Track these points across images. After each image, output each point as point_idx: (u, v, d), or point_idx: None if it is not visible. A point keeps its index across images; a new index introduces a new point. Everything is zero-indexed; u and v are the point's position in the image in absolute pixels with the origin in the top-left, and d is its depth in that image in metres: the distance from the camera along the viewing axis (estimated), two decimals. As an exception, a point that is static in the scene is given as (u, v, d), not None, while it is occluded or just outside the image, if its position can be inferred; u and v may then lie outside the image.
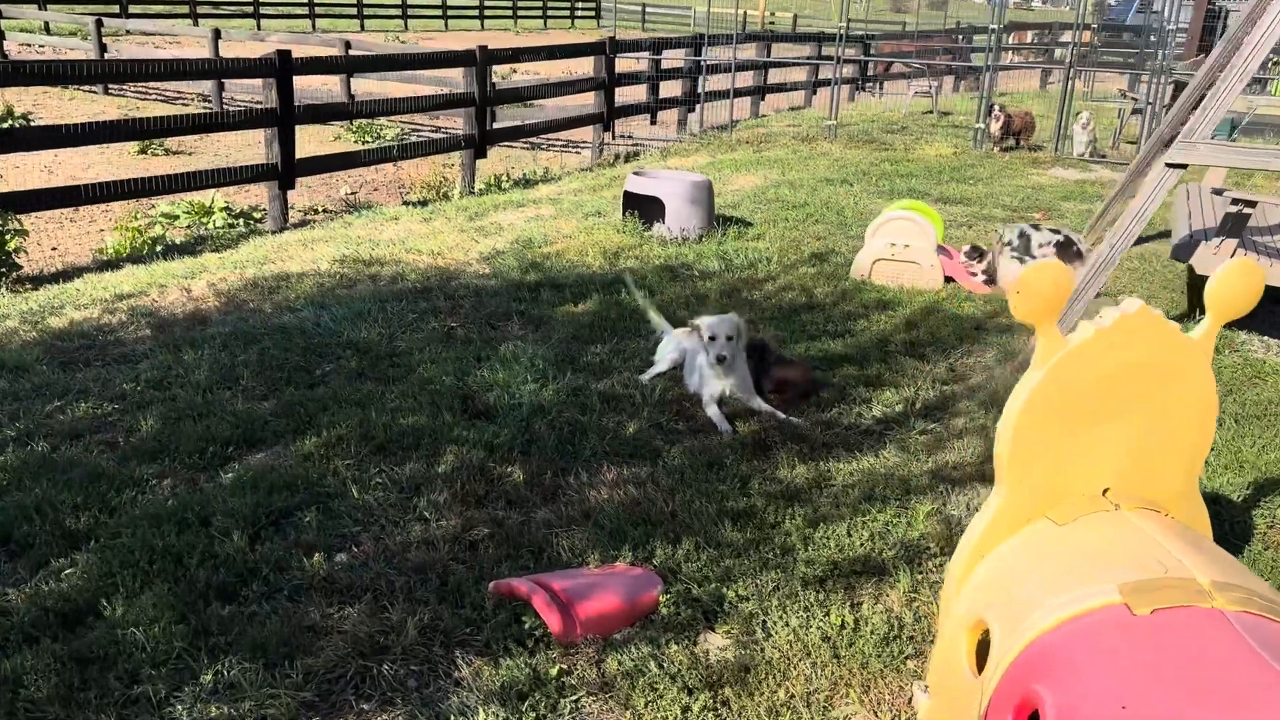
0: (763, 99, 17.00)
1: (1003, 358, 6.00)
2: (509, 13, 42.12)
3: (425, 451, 4.44)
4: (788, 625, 2.85)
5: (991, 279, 7.68)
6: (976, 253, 8.00)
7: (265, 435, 4.57)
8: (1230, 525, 3.41)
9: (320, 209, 11.87)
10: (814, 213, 10.87)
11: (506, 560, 3.39)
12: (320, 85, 16.18)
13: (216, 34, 16.19)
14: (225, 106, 16.07)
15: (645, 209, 9.63)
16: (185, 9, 28.19)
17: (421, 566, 3.49)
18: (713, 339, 5.03)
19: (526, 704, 2.47)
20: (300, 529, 3.77)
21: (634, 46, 13.61)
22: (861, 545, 3.50)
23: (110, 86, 17.21)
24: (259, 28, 30.23)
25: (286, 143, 10.07)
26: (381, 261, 8.45)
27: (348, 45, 15.43)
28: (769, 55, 16.95)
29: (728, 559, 3.35)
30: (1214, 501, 3.53)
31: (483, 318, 6.77)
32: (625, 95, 13.31)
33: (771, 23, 42.89)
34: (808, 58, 18.34)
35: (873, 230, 8.01)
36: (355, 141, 13.58)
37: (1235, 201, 6.51)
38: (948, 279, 7.94)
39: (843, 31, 13.59)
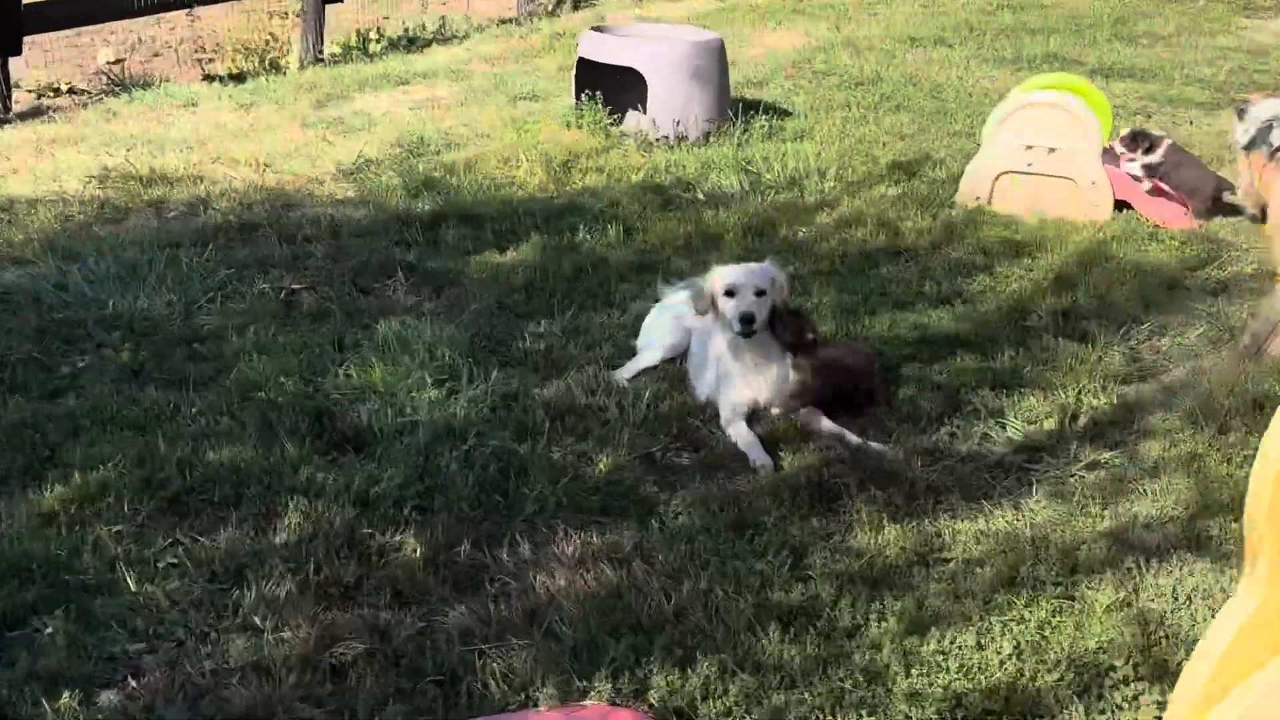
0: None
1: (1219, 338, 6.04)
2: None
3: (252, 508, 4.38)
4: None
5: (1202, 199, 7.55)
6: (1136, 141, 7.78)
7: (-29, 483, 4.54)
8: None
9: (65, 88, 11.68)
10: (891, 93, 10.83)
11: (396, 699, 3.36)
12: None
13: None
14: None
15: (613, 88, 9.48)
16: None
17: (249, 713, 3.42)
18: (730, 294, 5.02)
19: None
20: (37, 649, 3.68)
21: None
22: (1001, 666, 3.49)
23: None
24: None
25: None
26: (171, 178, 8.37)
27: None
28: None
29: (774, 693, 3.36)
30: None
31: (346, 274, 6.70)
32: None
33: None
34: None
35: (996, 124, 7.95)
36: (125, -24, 13.11)
37: None
38: (1120, 204, 7.81)
39: None
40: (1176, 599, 3.97)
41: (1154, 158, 8.00)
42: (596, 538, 4.15)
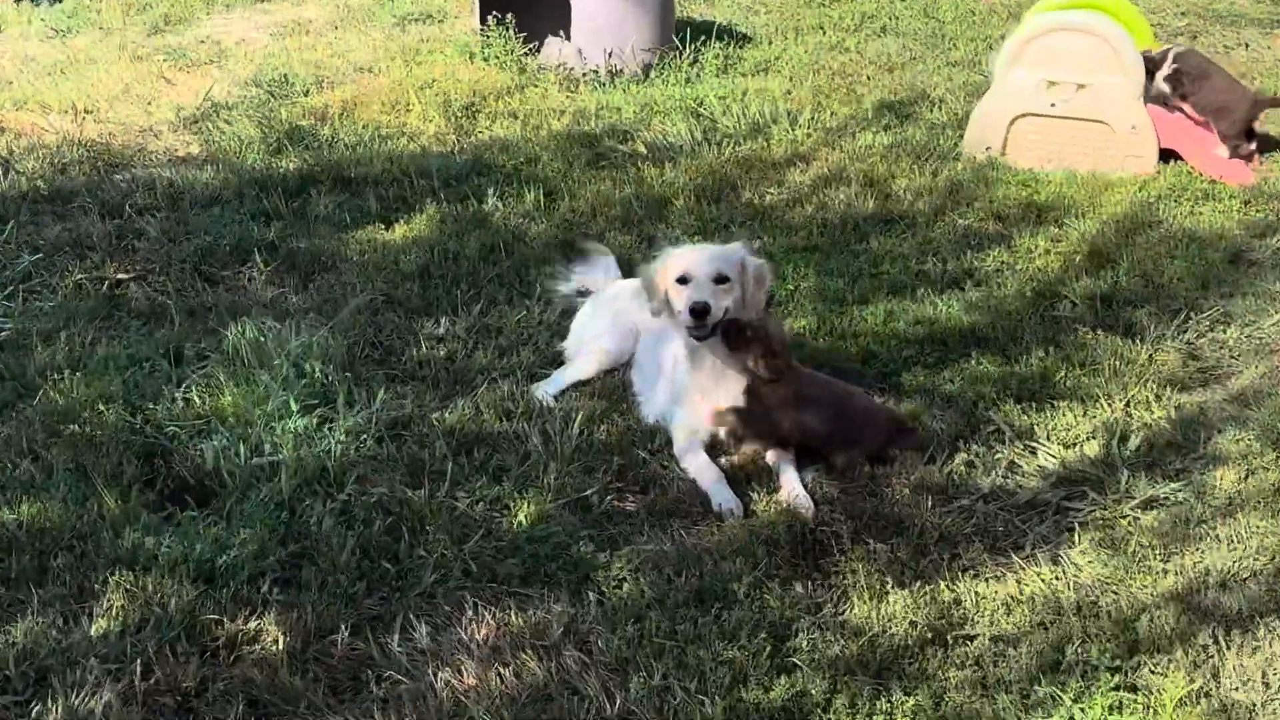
0: None
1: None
2: None
3: (60, 588, 4.15)
4: None
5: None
6: (1174, 78, 7.63)
7: None
8: None
9: None
10: (875, 11, 10.80)
11: None
12: None
13: None
14: None
15: (529, 7, 9.45)
16: None
17: None
18: (683, 281, 4.91)
19: None
20: None
21: None
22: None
23: None
24: None
25: None
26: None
27: None
28: None
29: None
30: None
31: (188, 259, 6.59)
32: None
33: None
34: None
35: (1010, 55, 7.87)
36: None
37: None
38: (1167, 154, 7.78)
39: None
40: (1268, 685, 3.81)
41: (1163, 71, 7.99)
42: (516, 617, 4.00)
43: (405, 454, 4.85)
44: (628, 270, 6.05)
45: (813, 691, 3.73)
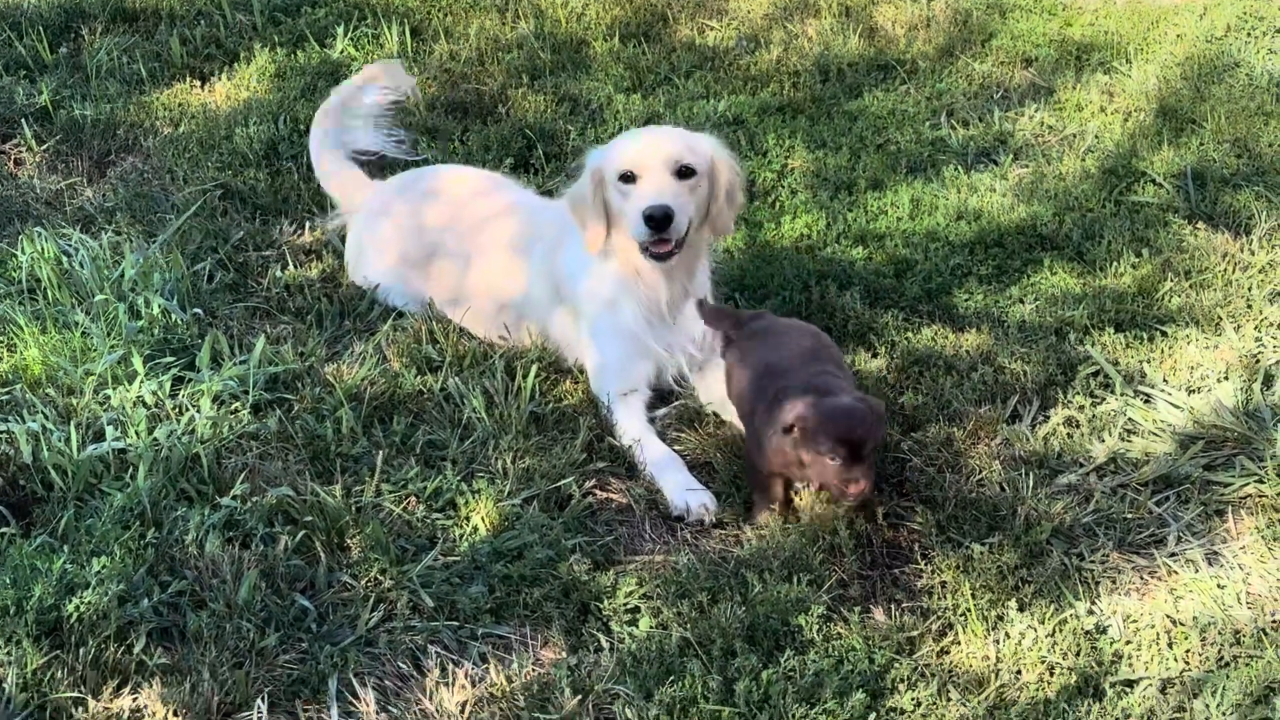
0: None
1: None
2: None
3: None
4: None
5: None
6: None
7: None
8: None
9: None
10: None
11: None
12: None
13: None
14: None
15: None
16: None
17: None
18: (628, 178, 4.73)
19: None
20: None
21: None
22: None
23: None
24: None
25: None
26: None
27: None
28: None
29: None
30: None
31: None
32: None
33: None
34: None
35: None
36: None
37: None
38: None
39: None
40: None
41: None
42: (498, 673, 3.77)
43: (299, 429, 4.53)
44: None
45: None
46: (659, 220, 4.56)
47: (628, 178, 4.68)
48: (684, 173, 4.67)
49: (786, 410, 4.11)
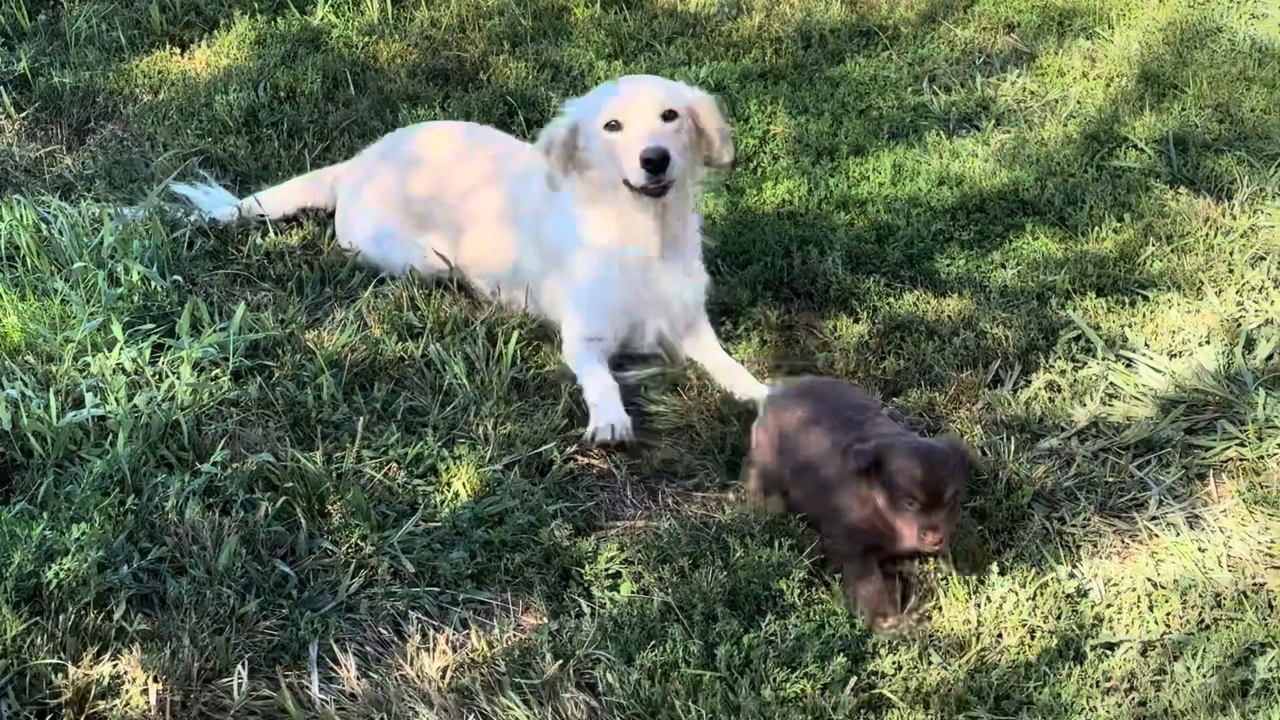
0: None
1: None
2: None
3: None
4: None
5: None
6: None
7: None
8: None
9: None
10: None
11: None
12: None
13: None
14: None
15: None
16: None
17: None
18: (613, 127, 4.71)
19: None
20: None
21: None
22: None
23: None
24: None
25: None
26: None
27: None
28: None
29: None
30: None
31: None
32: None
33: None
34: None
35: None
36: None
37: None
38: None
39: None
40: None
41: None
42: (479, 639, 3.78)
43: (280, 396, 4.51)
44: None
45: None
46: (657, 162, 4.62)
47: (613, 126, 4.75)
48: (668, 116, 4.74)
49: (860, 451, 3.84)
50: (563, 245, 4.97)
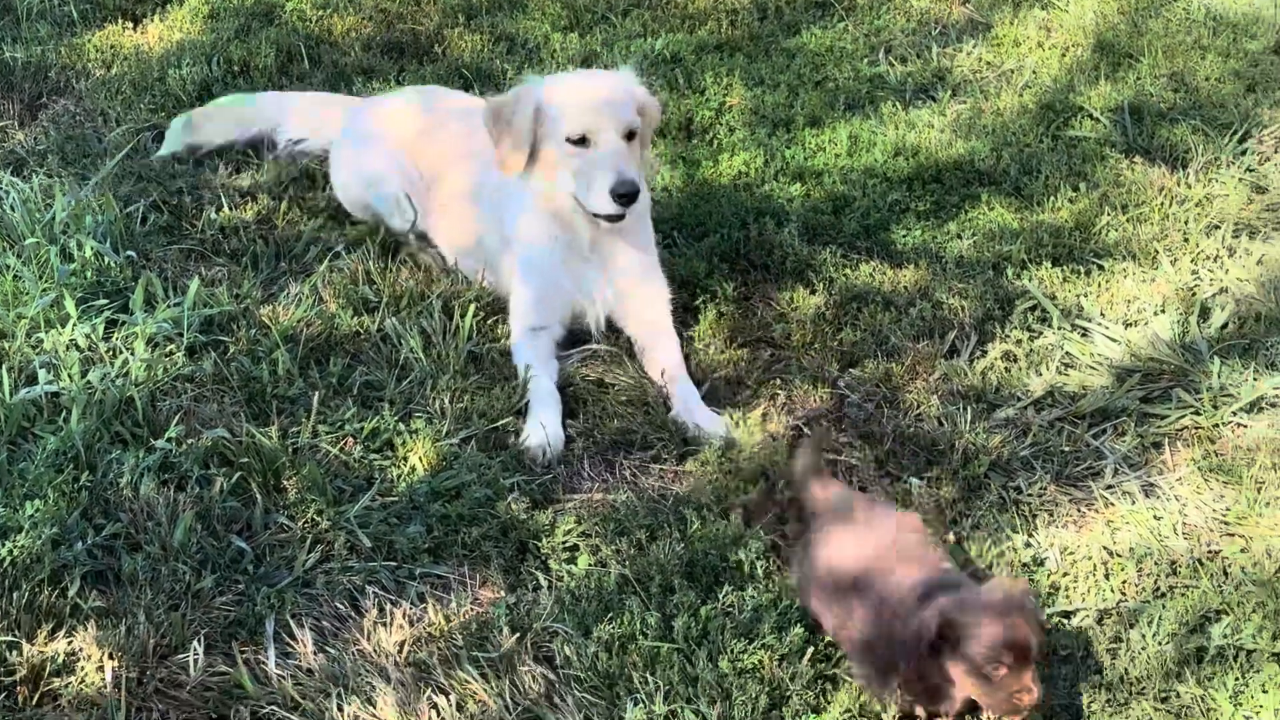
0: None
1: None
2: None
3: None
4: None
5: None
6: None
7: None
8: None
9: None
10: None
11: None
12: None
13: None
14: None
15: None
16: None
17: None
18: (580, 142, 4.57)
19: None
20: None
21: None
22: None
23: None
24: None
25: None
26: None
27: None
28: None
29: None
30: None
31: None
32: None
33: None
34: None
35: None
36: None
37: None
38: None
39: None
40: None
41: None
42: (436, 613, 3.76)
43: (234, 371, 4.49)
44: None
45: (877, 708, 3.51)
46: (628, 197, 4.57)
47: (579, 140, 4.65)
48: (630, 135, 4.68)
49: (928, 618, 3.22)
50: (513, 228, 4.95)
